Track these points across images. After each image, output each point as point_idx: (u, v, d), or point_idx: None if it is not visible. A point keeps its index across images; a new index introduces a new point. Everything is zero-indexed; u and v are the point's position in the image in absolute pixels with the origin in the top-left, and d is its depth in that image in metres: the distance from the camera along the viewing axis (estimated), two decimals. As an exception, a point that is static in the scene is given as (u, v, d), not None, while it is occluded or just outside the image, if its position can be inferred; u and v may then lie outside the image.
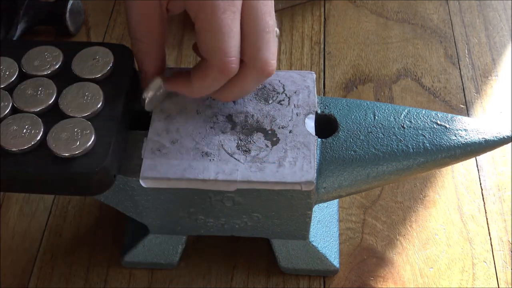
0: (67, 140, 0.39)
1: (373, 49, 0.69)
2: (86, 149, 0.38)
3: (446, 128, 0.45)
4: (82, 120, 0.40)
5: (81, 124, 0.40)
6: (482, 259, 0.53)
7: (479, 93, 0.65)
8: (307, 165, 0.41)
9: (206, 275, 0.52)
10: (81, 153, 0.38)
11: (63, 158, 0.38)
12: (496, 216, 0.55)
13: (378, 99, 0.64)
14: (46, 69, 0.43)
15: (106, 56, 0.43)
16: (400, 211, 0.56)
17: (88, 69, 0.43)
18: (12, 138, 0.39)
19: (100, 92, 0.41)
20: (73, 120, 0.40)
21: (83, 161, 0.38)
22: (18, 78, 0.43)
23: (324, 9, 0.74)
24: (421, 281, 0.51)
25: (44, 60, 0.43)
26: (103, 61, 0.43)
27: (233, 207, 0.44)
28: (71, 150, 0.38)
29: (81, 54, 0.44)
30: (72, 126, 0.39)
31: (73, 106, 0.41)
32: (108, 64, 0.43)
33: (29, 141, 0.39)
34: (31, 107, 0.41)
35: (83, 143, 0.38)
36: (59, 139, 0.39)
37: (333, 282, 0.51)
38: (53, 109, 0.41)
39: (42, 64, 0.43)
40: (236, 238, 0.53)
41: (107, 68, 0.43)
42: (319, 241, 0.50)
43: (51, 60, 0.43)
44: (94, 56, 0.43)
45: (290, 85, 0.46)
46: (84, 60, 0.43)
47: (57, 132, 0.39)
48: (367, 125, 0.45)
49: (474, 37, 0.70)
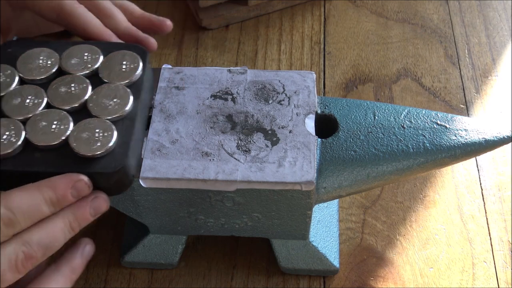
0: (88, 140, 0.39)
1: (373, 49, 0.69)
2: (107, 149, 0.38)
3: (446, 128, 0.45)
4: (104, 121, 0.40)
5: (103, 125, 0.40)
6: (482, 259, 0.53)
7: (479, 93, 0.65)
8: (307, 165, 0.41)
9: (206, 275, 0.52)
10: (102, 153, 0.38)
11: (84, 157, 0.38)
12: (496, 216, 0.55)
13: (378, 99, 0.64)
14: (83, 69, 0.43)
15: (134, 61, 0.43)
16: (400, 211, 0.56)
17: (116, 74, 0.43)
18: (42, 134, 0.39)
19: (129, 98, 0.41)
20: (95, 121, 0.40)
21: (103, 161, 0.38)
22: (55, 74, 0.43)
23: (324, 9, 0.74)
24: (421, 281, 0.51)
25: (82, 59, 0.43)
26: (132, 66, 0.43)
27: (233, 207, 0.44)
28: (92, 150, 0.38)
29: (109, 57, 0.44)
30: (94, 126, 0.40)
31: (101, 107, 0.41)
32: (136, 69, 0.43)
33: (58, 137, 0.39)
34: (63, 105, 0.41)
35: (104, 143, 0.39)
36: (80, 138, 0.39)
37: (333, 282, 0.51)
38: (83, 108, 0.41)
39: (80, 63, 0.43)
40: (236, 238, 0.53)
41: (135, 72, 0.43)
42: (319, 241, 0.50)
43: (89, 60, 0.43)
44: (122, 61, 0.43)
45: (290, 85, 0.46)
46: (113, 64, 0.43)
47: (79, 132, 0.39)
48: (367, 125, 0.45)
49: (474, 37, 0.70)
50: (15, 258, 0.34)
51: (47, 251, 0.36)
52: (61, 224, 0.36)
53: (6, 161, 0.38)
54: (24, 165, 0.38)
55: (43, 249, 0.35)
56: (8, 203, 0.34)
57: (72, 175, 0.37)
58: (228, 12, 0.70)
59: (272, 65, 0.68)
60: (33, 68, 0.43)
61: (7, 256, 0.34)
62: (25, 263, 0.35)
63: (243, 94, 0.46)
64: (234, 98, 0.45)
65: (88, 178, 0.37)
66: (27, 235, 0.35)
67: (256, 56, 0.68)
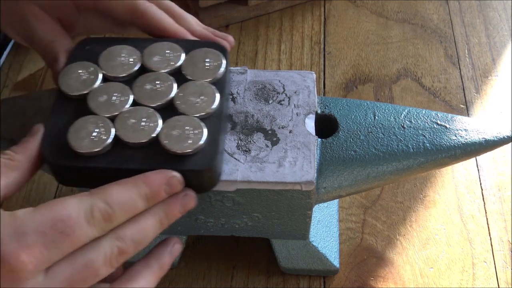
0: (179, 137, 0.39)
1: (373, 49, 0.69)
2: (198, 147, 0.38)
3: (446, 128, 0.45)
4: (193, 118, 0.40)
5: (192, 122, 0.40)
6: (482, 259, 0.53)
7: (479, 93, 0.65)
8: (307, 165, 0.41)
9: (206, 275, 0.52)
10: (193, 151, 0.38)
11: (175, 155, 0.38)
12: (496, 216, 0.55)
13: (378, 99, 0.64)
14: (166, 66, 0.43)
15: (217, 59, 0.43)
16: (400, 211, 0.56)
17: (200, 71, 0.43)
18: (132, 131, 0.39)
19: (216, 95, 0.41)
20: (184, 118, 0.40)
21: (194, 158, 0.38)
22: (137, 71, 0.43)
23: (324, 9, 0.74)
24: (421, 281, 0.51)
25: (164, 56, 0.43)
26: (215, 63, 0.43)
27: (233, 207, 0.44)
28: (184, 148, 0.38)
29: (192, 55, 0.44)
30: (183, 124, 0.39)
31: (188, 105, 0.41)
32: (220, 67, 0.43)
33: (148, 135, 0.39)
34: (149, 102, 0.41)
35: (195, 141, 0.38)
36: (171, 136, 0.39)
37: (333, 282, 0.51)
38: (169, 106, 0.41)
39: (162, 60, 0.43)
40: (236, 238, 0.53)
41: (219, 70, 0.43)
42: (319, 241, 0.50)
43: (171, 58, 0.43)
44: (205, 58, 0.43)
45: (290, 85, 0.46)
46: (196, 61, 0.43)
47: (168, 129, 0.39)
48: (367, 125, 0.45)
49: (474, 37, 0.70)
50: (110, 253, 0.34)
51: (138, 246, 0.36)
52: (153, 220, 0.36)
53: (98, 158, 0.38)
54: (116, 162, 0.38)
55: (135, 245, 0.35)
56: (107, 198, 0.34)
57: (166, 172, 0.37)
58: (228, 12, 0.70)
59: (272, 65, 0.68)
60: (115, 66, 0.42)
61: (102, 251, 0.34)
62: (119, 258, 0.35)
63: (243, 94, 0.46)
64: (234, 98, 0.45)
65: (180, 175, 0.37)
66: (122, 230, 0.35)
67: (256, 56, 0.68)
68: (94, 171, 0.38)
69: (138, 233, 0.36)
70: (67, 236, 0.32)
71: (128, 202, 0.35)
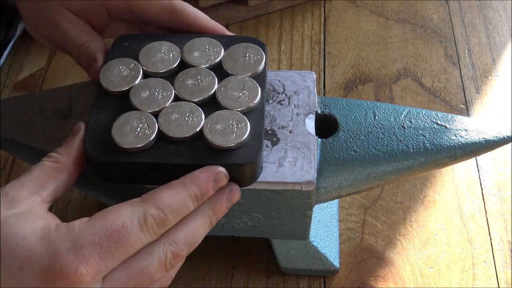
0: (223, 131, 0.39)
1: (373, 49, 0.69)
2: (242, 141, 0.38)
3: (446, 128, 0.45)
4: (236, 113, 0.40)
5: (236, 116, 0.40)
6: (482, 259, 0.53)
7: (479, 93, 0.65)
8: (307, 165, 0.41)
9: (206, 275, 0.52)
10: (237, 145, 0.38)
11: (219, 149, 0.38)
12: (496, 216, 0.55)
13: (378, 99, 0.64)
14: (206, 61, 0.43)
15: (257, 54, 0.43)
16: (400, 211, 0.56)
17: (241, 66, 0.43)
18: (176, 126, 0.39)
19: (258, 90, 0.41)
20: (227, 112, 0.40)
21: (238, 152, 0.38)
22: (178, 67, 0.43)
23: (324, 9, 0.74)
24: (421, 281, 0.51)
25: (204, 52, 0.44)
26: (256, 58, 0.43)
27: (233, 207, 0.44)
28: (228, 142, 0.38)
29: (231, 50, 0.44)
30: (227, 118, 0.39)
31: (231, 99, 0.41)
32: (261, 61, 0.43)
33: (192, 129, 0.39)
34: (192, 97, 0.41)
35: (239, 135, 0.39)
36: (215, 130, 0.39)
37: (333, 282, 0.51)
38: (211, 100, 0.41)
39: (203, 56, 0.43)
40: (236, 238, 0.53)
41: (260, 64, 0.43)
42: (319, 241, 0.50)
43: (211, 53, 0.43)
44: (245, 53, 0.44)
45: (290, 85, 0.46)
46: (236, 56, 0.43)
47: (212, 124, 0.39)
48: (367, 125, 0.45)
49: (474, 37, 0.70)
50: (164, 258, 0.34)
51: (191, 247, 0.36)
52: (202, 219, 0.36)
53: (141, 153, 0.38)
54: (160, 157, 0.38)
55: (188, 246, 0.36)
56: (158, 203, 0.34)
57: (212, 168, 0.37)
58: (228, 12, 0.70)
59: (272, 65, 0.68)
60: (156, 61, 0.43)
61: (157, 256, 0.34)
62: (173, 262, 0.35)
63: (243, 94, 0.46)
64: (234, 98, 0.45)
65: (225, 170, 0.37)
66: (174, 234, 0.35)
67: (256, 56, 0.68)
68: (137, 166, 0.38)
69: (190, 235, 0.36)
70: (123, 245, 0.33)
71: (179, 205, 0.35)
